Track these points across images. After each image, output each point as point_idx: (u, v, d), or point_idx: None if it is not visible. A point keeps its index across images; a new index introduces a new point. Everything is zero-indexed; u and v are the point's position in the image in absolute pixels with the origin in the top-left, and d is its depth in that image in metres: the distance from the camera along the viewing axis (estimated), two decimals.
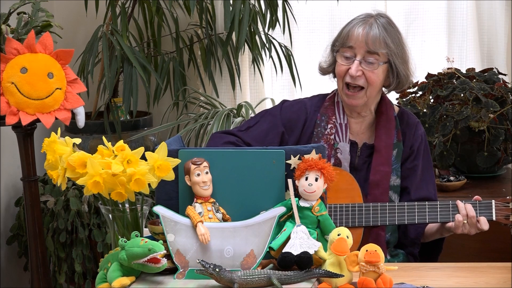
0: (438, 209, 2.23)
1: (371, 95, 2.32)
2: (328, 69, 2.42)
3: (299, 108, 2.41)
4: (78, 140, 1.90)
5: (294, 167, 1.90)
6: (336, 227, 1.81)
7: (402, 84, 2.36)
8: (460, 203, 2.22)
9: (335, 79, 2.39)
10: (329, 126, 2.36)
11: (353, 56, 2.30)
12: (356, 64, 2.29)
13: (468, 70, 3.34)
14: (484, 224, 2.20)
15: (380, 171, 2.32)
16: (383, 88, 2.39)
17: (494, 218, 2.21)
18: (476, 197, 2.26)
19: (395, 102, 3.29)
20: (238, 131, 2.39)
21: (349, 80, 2.30)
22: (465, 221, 2.20)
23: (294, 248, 1.78)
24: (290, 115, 2.39)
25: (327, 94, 2.45)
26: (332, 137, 2.35)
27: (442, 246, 2.45)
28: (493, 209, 2.21)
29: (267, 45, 3.44)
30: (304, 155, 1.90)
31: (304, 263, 1.76)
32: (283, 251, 1.79)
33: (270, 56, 3.45)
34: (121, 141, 1.84)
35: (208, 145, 2.45)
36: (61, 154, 1.84)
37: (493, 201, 2.23)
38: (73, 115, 2.52)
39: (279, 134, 2.36)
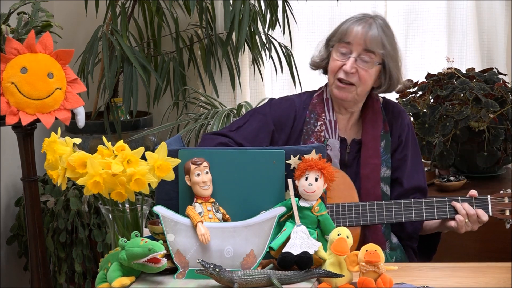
0: (435, 207, 2.23)
1: (361, 93, 2.33)
2: (320, 64, 2.42)
3: (288, 106, 2.41)
4: (78, 140, 1.90)
5: (294, 167, 1.90)
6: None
7: (392, 87, 2.37)
8: (457, 205, 2.22)
9: (325, 75, 2.40)
10: (319, 123, 2.36)
11: (349, 52, 2.30)
12: (352, 60, 2.29)
13: (468, 70, 3.34)
14: (483, 216, 2.21)
15: (370, 164, 2.33)
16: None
17: (490, 214, 2.22)
18: (470, 192, 2.25)
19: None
20: (228, 131, 2.37)
21: (342, 76, 2.30)
22: (467, 220, 2.20)
23: (294, 248, 1.78)
24: (280, 113, 2.38)
25: (315, 91, 2.44)
26: (322, 134, 2.35)
27: (440, 239, 2.44)
28: (489, 205, 2.22)
29: (267, 45, 3.44)
30: (304, 155, 1.90)
31: (304, 263, 1.76)
32: (283, 251, 1.79)
33: (270, 56, 3.45)
34: (121, 141, 1.84)
35: (199, 146, 2.44)
36: (61, 154, 1.84)
37: (488, 196, 2.23)
38: (73, 115, 2.52)
39: (269, 133, 2.35)
